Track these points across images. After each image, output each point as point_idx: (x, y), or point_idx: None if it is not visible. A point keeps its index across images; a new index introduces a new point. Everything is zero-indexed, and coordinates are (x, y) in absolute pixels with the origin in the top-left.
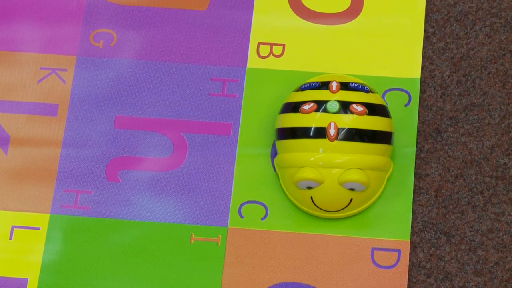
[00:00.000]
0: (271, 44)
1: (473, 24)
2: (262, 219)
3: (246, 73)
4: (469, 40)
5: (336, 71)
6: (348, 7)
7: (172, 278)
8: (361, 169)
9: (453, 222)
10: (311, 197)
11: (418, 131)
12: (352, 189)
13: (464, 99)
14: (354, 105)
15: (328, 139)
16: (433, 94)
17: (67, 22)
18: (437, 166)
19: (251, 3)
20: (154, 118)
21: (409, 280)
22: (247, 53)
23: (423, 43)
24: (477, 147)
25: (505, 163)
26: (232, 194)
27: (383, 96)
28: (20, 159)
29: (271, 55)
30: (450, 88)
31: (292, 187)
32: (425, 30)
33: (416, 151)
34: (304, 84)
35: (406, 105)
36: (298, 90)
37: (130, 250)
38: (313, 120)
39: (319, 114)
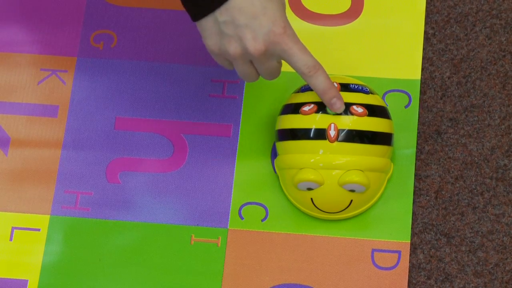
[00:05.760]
0: None
1: (473, 25)
2: (262, 220)
3: None
4: (469, 42)
5: (336, 72)
6: (348, 9)
7: (172, 280)
8: (361, 170)
9: (453, 224)
10: (311, 199)
11: (418, 133)
12: (352, 191)
13: (464, 101)
14: (354, 107)
15: (328, 140)
16: (433, 95)
17: (67, 23)
18: (437, 168)
19: None
20: (154, 120)
21: (409, 281)
22: None
23: (423, 44)
24: (477, 148)
25: (505, 165)
26: (232, 195)
27: (383, 98)
28: (20, 160)
29: None
30: (450, 90)
31: (292, 189)
32: (425, 32)
33: (416, 153)
34: (304, 86)
35: (406, 107)
36: (298, 92)
37: (130, 252)
38: (313, 121)
39: (319, 115)
